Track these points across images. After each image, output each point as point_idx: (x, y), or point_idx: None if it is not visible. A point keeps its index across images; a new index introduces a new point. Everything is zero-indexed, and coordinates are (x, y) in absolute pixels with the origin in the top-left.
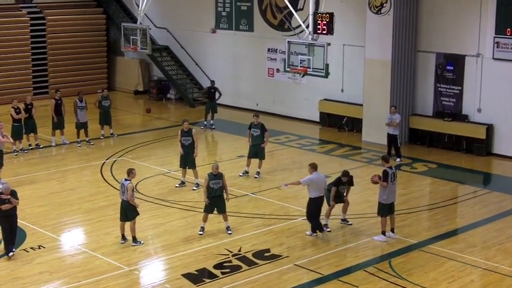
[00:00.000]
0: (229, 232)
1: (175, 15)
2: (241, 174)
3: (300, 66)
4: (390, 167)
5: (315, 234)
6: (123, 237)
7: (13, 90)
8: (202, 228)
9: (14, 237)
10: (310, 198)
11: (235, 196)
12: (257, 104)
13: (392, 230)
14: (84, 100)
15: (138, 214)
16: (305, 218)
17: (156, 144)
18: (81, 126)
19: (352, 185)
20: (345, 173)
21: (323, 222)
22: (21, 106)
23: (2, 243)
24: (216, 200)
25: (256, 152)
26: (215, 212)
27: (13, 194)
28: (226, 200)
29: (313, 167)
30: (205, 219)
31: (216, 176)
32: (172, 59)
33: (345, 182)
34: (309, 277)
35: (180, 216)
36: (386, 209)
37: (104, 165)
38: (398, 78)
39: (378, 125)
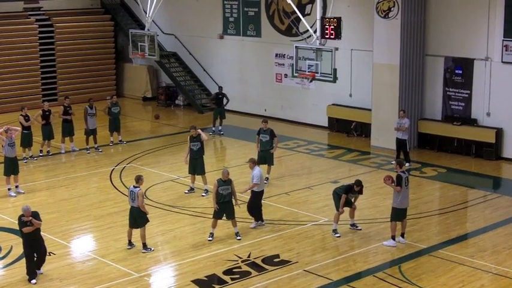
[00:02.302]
0: (238, 238)
1: (183, 22)
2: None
3: (308, 71)
4: (403, 172)
5: (260, 222)
6: (130, 243)
7: (22, 97)
8: (212, 234)
9: (41, 262)
10: (255, 192)
11: (244, 202)
12: (265, 110)
13: (402, 235)
14: (94, 107)
15: (148, 221)
16: (314, 223)
17: (164, 151)
18: (91, 132)
19: (361, 193)
20: (358, 183)
21: (332, 227)
22: (39, 113)
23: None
24: (225, 206)
25: (265, 157)
26: (224, 218)
27: (35, 215)
28: (237, 206)
29: (254, 162)
30: (214, 225)
31: (225, 182)
32: (180, 65)
33: (356, 191)
34: (318, 283)
35: (189, 222)
36: (400, 214)
37: (113, 171)
38: (406, 82)
39: (387, 129)
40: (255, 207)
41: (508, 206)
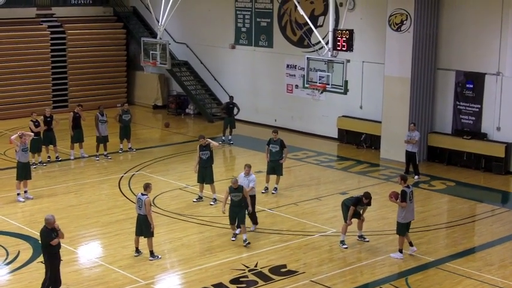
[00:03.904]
0: (245, 244)
1: (195, 31)
2: (263, 191)
3: (319, 83)
4: (408, 186)
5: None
6: (137, 250)
7: (33, 103)
8: (234, 235)
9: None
10: (253, 196)
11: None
12: (275, 120)
13: (410, 244)
14: (105, 114)
15: (153, 235)
16: (322, 234)
17: (174, 159)
18: (102, 140)
19: (370, 205)
20: (367, 195)
21: (340, 238)
22: (41, 118)
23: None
24: (237, 211)
25: (274, 168)
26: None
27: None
28: (248, 211)
29: (250, 167)
30: (234, 229)
31: (236, 189)
32: (192, 74)
33: (364, 203)
34: None
35: (197, 230)
36: (404, 228)
37: (122, 179)
38: (417, 95)
39: (397, 142)
40: (254, 210)
41: None
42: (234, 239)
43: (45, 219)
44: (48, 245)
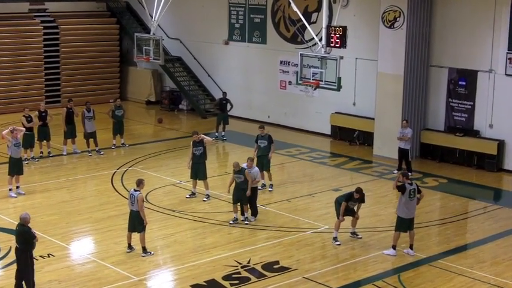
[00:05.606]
0: (246, 223)
1: (189, 26)
2: (259, 188)
3: (312, 79)
4: (410, 183)
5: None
6: (130, 246)
7: (25, 98)
8: (235, 219)
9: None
10: (255, 188)
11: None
12: (269, 116)
13: (411, 247)
14: (92, 110)
15: (144, 230)
16: (315, 230)
17: (167, 155)
18: (89, 136)
19: (363, 202)
20: (358, 190)
21: (333, 235)
22: (35, 114)
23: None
24: (240, 192)
25: (263, 163)
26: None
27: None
28: (247, 194)
29: (252, 160)
30: (235, 211)
31: (238, 172)
32: (185, 69)
33: (356, 198)
34: None
35: (190, 227)
36: (404, 224)
37: (115, 174)
38: (410, 92)
39: (390, 139)
40: (255, 201)
41: (508, 218)
42: (232, 222)
43: (22, 218)
44: (31, 243)
